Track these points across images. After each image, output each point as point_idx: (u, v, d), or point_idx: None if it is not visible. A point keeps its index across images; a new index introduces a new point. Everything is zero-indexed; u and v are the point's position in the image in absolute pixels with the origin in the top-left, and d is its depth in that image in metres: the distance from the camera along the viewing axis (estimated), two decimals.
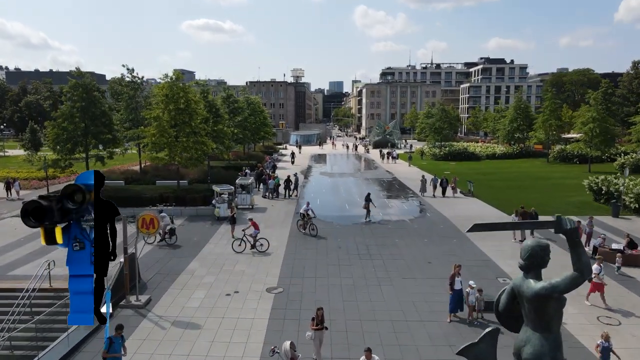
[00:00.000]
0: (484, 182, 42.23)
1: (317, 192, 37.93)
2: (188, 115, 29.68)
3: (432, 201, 32.88)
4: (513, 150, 65.81)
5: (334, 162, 63.92)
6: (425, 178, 34.45)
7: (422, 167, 55.59)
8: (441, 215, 28.71)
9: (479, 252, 21.60)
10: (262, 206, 31.71)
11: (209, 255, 21.03)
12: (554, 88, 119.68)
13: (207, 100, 38.33)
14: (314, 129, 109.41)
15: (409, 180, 44.24)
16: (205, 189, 31.08)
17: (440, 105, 68.93)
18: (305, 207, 24.78)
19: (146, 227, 15.20)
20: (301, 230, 24.33)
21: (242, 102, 52.09)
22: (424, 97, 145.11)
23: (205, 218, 28.00)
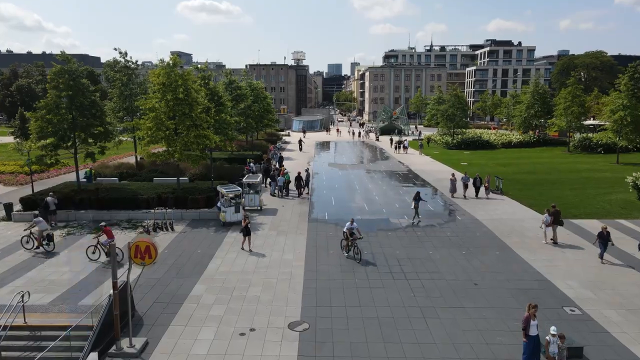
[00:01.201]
0: (507, 175, 39.06)
1: (330, 189, 34.77)
2: (188, 105, 26.32)
3: (460, 201, 29.73)
4: (530, 139, 62.47)
5: (342, 152, 60.62)
6: (455, 177, 30.92)
7: (435, 157, 52.44)
8: (473, 219, 25.63)
9: (530, 268, 18.57)
10: (272, 207, 28.56)
11: (216, 274, 17.95)
12: (563, 71, 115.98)
13: (209, 87, 34.86)
14: (317, 114, 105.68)
15: (426, 174, 41.06)
16: (209, 188, 27.90)
17: (453, 91, 65.27)
18: (349, 224, 19.77)
19: (141, 256, 12.09)
20: (344, 253, 19.95)
21: (244, 88, 48.54)
22: (428, 81, 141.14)
23: (209, 223, 24.88)
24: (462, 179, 30.43)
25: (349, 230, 19.65)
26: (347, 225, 19.85)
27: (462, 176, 30.89)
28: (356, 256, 19.29)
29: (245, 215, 21.38)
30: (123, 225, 24.45)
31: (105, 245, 19.22)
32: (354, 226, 19.76)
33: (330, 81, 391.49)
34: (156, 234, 22.96)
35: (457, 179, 30.57)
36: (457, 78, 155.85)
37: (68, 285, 16.96)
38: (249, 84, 54.02)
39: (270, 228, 24.02)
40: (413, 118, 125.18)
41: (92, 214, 25.45)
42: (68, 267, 18.73)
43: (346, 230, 19.79)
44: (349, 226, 19.77)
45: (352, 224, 19.79)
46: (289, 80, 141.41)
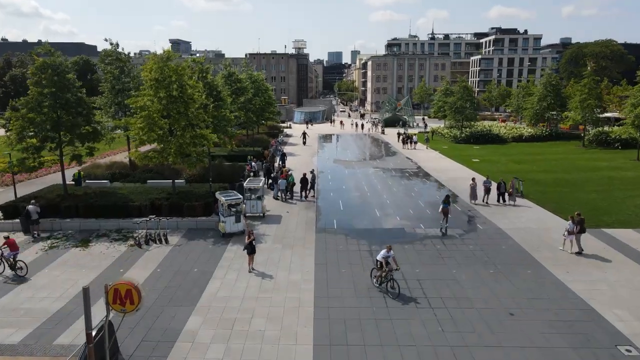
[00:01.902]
0: (524, 174, 36.79)
1: (337, 190, 32.52)
2: (183, 104, 23.98)
3: (480, 207, 27.42)
4: (542, 132, 60.02)
5: (346, 146, 58.27)
6: (475, 182, 28.24)
7: (444, 153, 50.11)
8: (496, 229, 23.41)
9: (569, 292, 16.39)
10: (275, 213, 26.33)
11: (214, 300, 15.78)
12: (571, 61, 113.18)
13: (207, 81, 32.45)
14: (319, 105, 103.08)
15: (437, 172, 38.76)
16: (207, 193, 25.66)
17: (462, 82, 62.66)
18: (385, 252, 16.53)
19: (121, 301, 9.88)
20: (375, 285, 16.75)
21: (245, 80, 46.01)
22: (432, 70, 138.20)
23: (207, 233, 22.68)
24: (484, 183, 27.75)
25: (384, 259, 16.41)
26: (383, 254, 16.55)
27: (483, 180, 28.18)
28: (392, 290, 16.20)
29: (250, 230, 19.02)
30: (112, 236, 22.25)
31: (9, 258, 17.66)
32: (391, 255, 16.47)
33: (330, 70, 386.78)
34: (148, 247, 20.78)
35: (477, 183, 27.94)
36: (461, 67, 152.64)
37: (44, 316, 14.80)
38: (249, 76, 51.51)
39: (274, 240, 21.82)
40: (417, 108, 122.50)
41: (79, 223, 23.24)
42: (46, 291, 16.56)
43: (381, 259, 16.48)
44: (384, 254, 16.48)
45: (389, 252, 16.51)
46: (289, 69, 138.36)
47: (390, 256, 16.52)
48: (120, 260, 19.28)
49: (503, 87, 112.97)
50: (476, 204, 27.76)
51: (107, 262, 19.06)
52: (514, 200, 27.52)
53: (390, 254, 16.52)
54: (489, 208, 27.02)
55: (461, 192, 31.05)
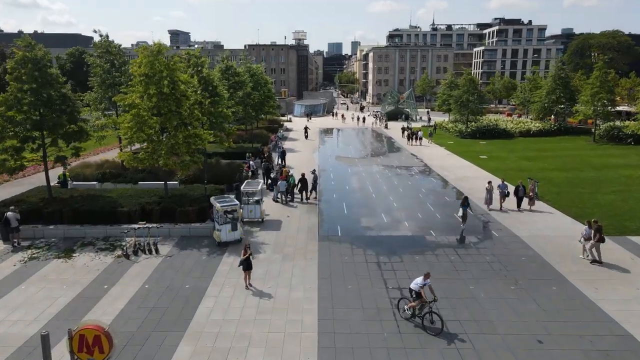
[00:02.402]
0: (535, 173, 35.08)
1: (340, 191, 30.80)
2: (175, 101, 22.19)
3: (494, 212, 25.70)
4: (550, 127, 58.14)
5: (349, 141, 56.46)
6: (491, 186, 26.06)
7: (450, 149, 48.34)
8: (513, 236, 21.73)
9: (601, 314, 14.73)
10: (275, 218, 24.63)
11: (206, 325, 14.13)
12: (577, 52, 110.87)
13: (202, 75, 30.60)
14: (319, 98, 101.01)
15: (445, 170, 37.02)
16: (202, 197, 23.96)
17: (467, 75, 60.68)
18: (421, 281, 14.03)
19: (88, 350, 8.19)
20: (405, 313, 14.37)
21: (243, 74, 44.05)
22: (435, 62, 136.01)
23: (201, 242, 20.99)
24: (500, 187, 25.89)
25: (420, 287, 13.91)
26: (419, 282, 14.01)
27: (499, 184, 26.20)
28: (431, 326, 13.69)
29: (247, 244, 17.23)
30: (98, 245, 20.56)
31: None
32: (427, 283, 13.97)
33: (330, 61, 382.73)
34: (137, 259, 19.12)
35: (493, 187, 25.87)
36: (464, 59, 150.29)
37: (16, 343, 13.17)
38: (248, 69, 49.55)
39: (274, 249, 20.15)
40: (419, 101, 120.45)
41: (63, 230, 21.56)
42: (21, 312, 14.90)
43: (417, 289, 13.99)
44: (421, 283, 13.96)
45: (426, 280, 13.97)
46: (289, 61, 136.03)
47: (427, 284, 13.98)
48: (105, 275, 17.62)
49: (507, 79, 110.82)
50: (491, 209, 25.81)
51: (90, 277, 17.40)
52: (532, 204, 25.49)
53: (427, 282, 13.97)
54: (504, 213, 25.23)
55: (471, 193, 29.33)
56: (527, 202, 25.55)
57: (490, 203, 25.60)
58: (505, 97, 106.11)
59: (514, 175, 34.30)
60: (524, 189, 25.52)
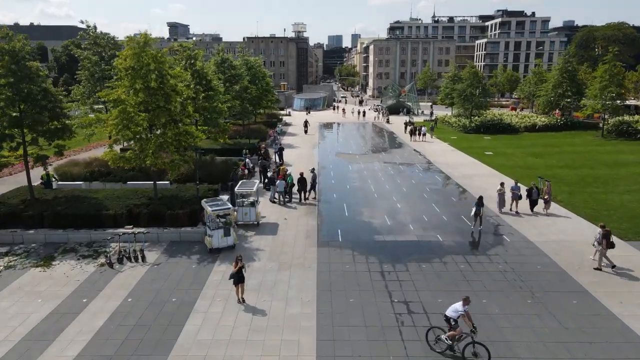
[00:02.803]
0: (543, 170, 33.65)
1: (340, 190, 29.33)
2: (164, 96, 20.67)
3: (505, 216, 24.20)
4: (557, 122, 56.55)
5: (349, 136, 54.90)
6: (503, 188, 23.99)
7: (454, 145, 46.83)
8: (526, 241, 20.30)
9: (629, 333, 13.33)
10: (271, 220, 23.20)
11: (193, 347, 12.73)
12: (582, 44, 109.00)
13: (195, 68, 29.08)
14: (319, 91, 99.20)
15: (450, 168, 35.54)
16: (193, 198, 22.52)
17: (471, 68, 58.99)
18: (459, 307, 12.17)
19: None
20: (437, 347, 12.54)
21: (239, 67, 42.40)
22: (436, 55, 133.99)
23: (192, 248, 19.57)
24: (512, 190, 23.99)
25: (462, 314, 12.09)
26: (457, 309, 12.18)
27: (511, 186, 24.37)
28: (477, 358, 11.89)
29: (239, 257, 15.69)
30: (81, 251, 19.15)
31: None
32: (465, 310, 12.06)
33: (331, 54, 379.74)
34: (121, 267, 17.72)
35: (505, 189, 24.10)
36: (466, 51, 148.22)
37: None
38: (245, 62, 47.91)
39: (269, 257, 18.73)
40: (421, 94, 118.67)
41: (44, 235, 20.14)
42: None
43: (454, 316, 12.24)
44: (460, 310, 12.11)
45: (465, 305, 12.10)
46: (289, 53, 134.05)
47: (464, 311, 12.02)
48: (85, 286, 16.22)
49: (510, 72, 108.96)
50: (503, 212, 24.14)
51: (69, 289, 16.00)
52: (548, 208, 23.75)
53: (466, 309, 12.06)
54: (516, 217, 23.61)
55: (478, 192, 27.86)
56: (541, 205, 23.89)
57: (502, 206, 24.03)
58: (508, 90, 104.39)
59: (522, 174, 32.88)
60: (538, 191, 23.91)
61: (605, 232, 17.39)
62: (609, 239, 17.36)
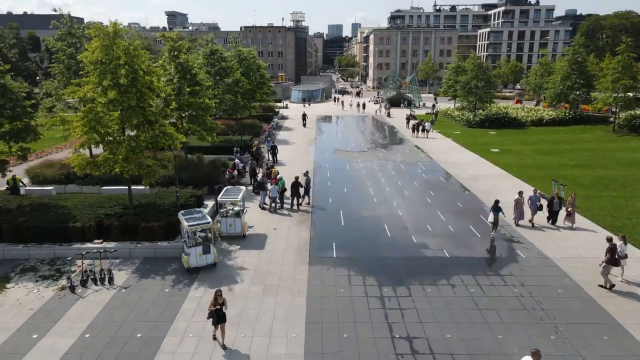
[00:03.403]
0: (556, 172, 31.46)
1: (336, 194, 27.08)
2: (136, 95, 18.36)
3: (521, 228, 21.95)
4: (565, 115, 54.11)
5: (348, 131, 52.49)
6: (522, 197, 21.17)
7: (458, 140, 44.52)
8: (544, 259, 18.10)
9: None
10: (259, 231, 20.99)
11: None
12: (588, 34, 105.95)
13: (179, 61, 26.71)
14: (318, 83, 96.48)
15: (453, 167, 33.26)
16: (173, 206, 20.32)
17: (476, 60, 56.41)
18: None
19: None
20: None
21: (230, 59, 39.87)
22: (438, 44, 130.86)
23: (167, 266, 17.40)
24: (531, 199, 21.17)
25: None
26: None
27: (530, 195, 21.43)
28: None
29: (219, 292, 12.96)
30: (42, 270, 16.97)
31: None
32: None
33: (330, 43, 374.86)
34: (84, 291, 15.56)
35: (523, 199, 21.23)
36: (469, 41, 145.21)
37: None
38: (237, 54, 45.38)
39: (253, 277, 16.55)
40: (422, 85, 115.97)
41: (2, 250, 17.95)
42: None
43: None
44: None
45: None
46: (287, 43, 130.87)
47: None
48: (39, 316, 14.07)
49: (514, 63, 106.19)
50: (520, 224, 21.42)
51: (19, 320, 13.85)
52: (572, 222, 21.00)
53: None
54: (534, 230, 21.01)
55: (487, 197, 25.69)
56: (565, 218, 21.10)
57: (520, 217, 21.18)
58: (512, 81, 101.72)
59: (532, 175, 30.69)
60: (560, 201, 21.41)
61: (612, 247, 15.60)
62: (613, 255, 15.51)
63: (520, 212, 21.03)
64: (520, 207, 21.00)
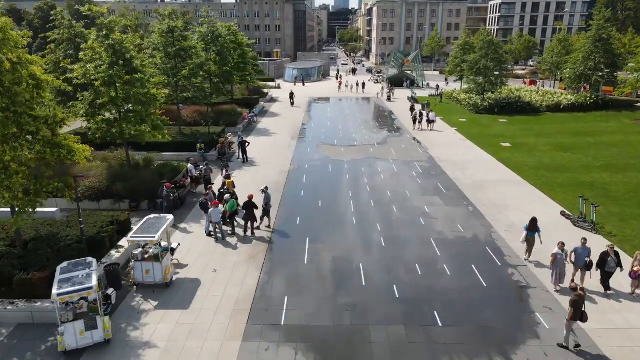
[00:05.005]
0: (580, 175, 26.06)
1: (308, 210, 21.76)
2: (7, 96, 13.04)
3: (558, 292, 16.75)
4: (585, 100, 47.92)
5: (339, 118, 46.75)
6: (563, 251, 14.50)
7: (463, 131, 38.86)
8: (593, 346, 12.86)
9: None
10: (192, 274, 15.84)
11: None
12: (609, 5, 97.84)
13: (110, 43, 21.20)
14: (315, 60, 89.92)
15: (456, 170, 27.76)
16: (74, 245, 15.22)
17: (486, 36, 50.04)
18: None
19: None
20: None
21: (192, 38, 33.71)
22: (446, 17, 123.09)
23: (45, 337, 12.39)
24: (576, 253, 14.55)
25: None
26: None
27: (575, 248, 14.66)
28: None
29: None
30: None
31: None
32: None
33: (336, 16, 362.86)
34: None
35: (565, 253, 14.55)
36: (479, 13, 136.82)
37: None
38: (209, 31, 39.34)
39: None
40: (427, 62, 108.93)
41: None
42: None
43: None
44: None
45: None
46: (285, 16, 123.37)
47: None
48: None
49: (527, 37, 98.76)
50: (561, 287, 14.61)
51: None
52: (636, 285, 14.29)
53: None
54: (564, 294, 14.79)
55: (492, 211, 20.38)
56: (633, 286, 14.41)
57: (560, 280, 14.52)
58: (524, 58, 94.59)
59: (550, 180, 25.32)
60: (618, 258, 14.23)
61: (574, 298, 11.77)
62: (578, 308, 11.72)
63: (561, 273, 14.51)
64: (560, 265, 14.45)
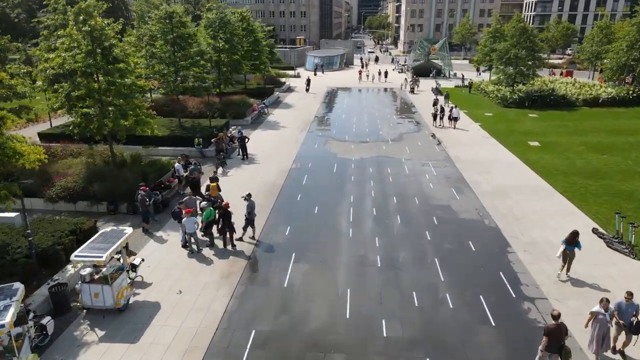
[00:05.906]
0: (618, 181, 22.88)
1: (301, 221, 19.49)
2: None
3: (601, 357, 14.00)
4: (627, 94, 43.55)
5: (355, 111, 44.04)
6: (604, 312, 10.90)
7: (487, 127, 35.66)
8: None
9: None
10: (153, 297, 13.83)
11: None
12: None
13: (86, 29, 19.32)
14: (337, 48, 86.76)
15: (476, 174, 24.84)
16: (24, 257, 13.49)
17: (518, 23, 46.07)
18: None
19: None
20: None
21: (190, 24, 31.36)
22: (479, 3, 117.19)
23: None
24: (620, 308, 11.10)
25: None
26: None
27: (619, 302, 11.23)
28: None
29: None
30: None
31: None
32: None
33: (367, 2, 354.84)
34: None
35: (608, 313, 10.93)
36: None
37: None
38: (217, 18, 37.13)
39: None
40: (457, 50, 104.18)
41: None
42: None
43: None
44: None
45: None
46: (310, 2, 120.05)
47: None
48: None
49: (566, 24, 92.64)
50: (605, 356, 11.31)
51: None
52: None
53: None
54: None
55: (512, 230, 17.63)
56: None
57: (601, 346, 10.96)
58: (562, 46, 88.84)
59: (583, 188, 22.34)
60: None
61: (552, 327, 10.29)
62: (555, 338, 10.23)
63: (603, 335, 10.89)
64: (602, 327, 10.87)
